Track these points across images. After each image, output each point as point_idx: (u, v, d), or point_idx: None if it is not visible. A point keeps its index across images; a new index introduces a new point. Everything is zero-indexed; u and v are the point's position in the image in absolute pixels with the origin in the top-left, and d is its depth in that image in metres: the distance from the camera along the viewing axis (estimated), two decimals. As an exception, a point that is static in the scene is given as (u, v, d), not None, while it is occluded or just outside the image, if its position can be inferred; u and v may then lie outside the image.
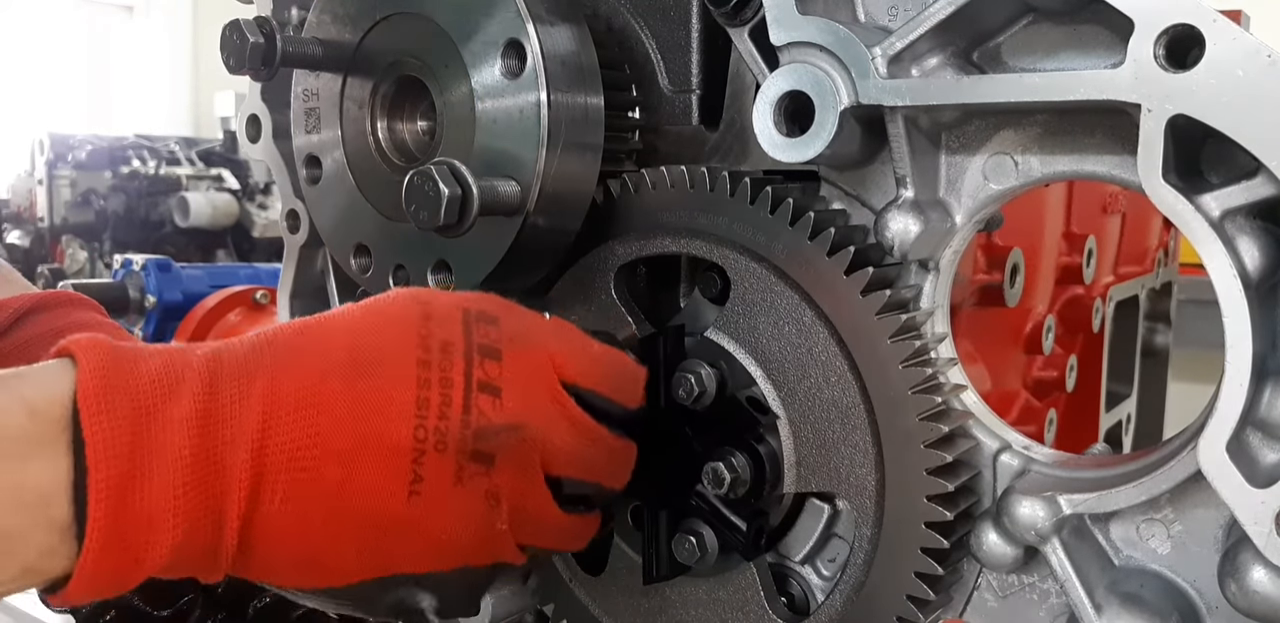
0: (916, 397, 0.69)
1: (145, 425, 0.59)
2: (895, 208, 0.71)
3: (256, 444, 0.62)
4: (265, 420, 0.62)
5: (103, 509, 0.57)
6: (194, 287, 2.60)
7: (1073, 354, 1.49)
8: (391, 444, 0.64)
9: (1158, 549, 0.67)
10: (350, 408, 0.64)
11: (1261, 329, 0.59)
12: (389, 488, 0.64)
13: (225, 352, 0.65)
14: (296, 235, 1.15)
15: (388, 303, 0.70)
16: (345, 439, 0.63)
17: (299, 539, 0.64)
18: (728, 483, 0.75)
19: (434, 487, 0.65)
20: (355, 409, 0.64)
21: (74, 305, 1.11)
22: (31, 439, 0.57)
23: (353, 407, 0.64)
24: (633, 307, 0.84)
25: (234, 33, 0.86)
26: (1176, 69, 0.58)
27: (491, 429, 0.66)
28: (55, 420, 0.58)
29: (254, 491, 0.62)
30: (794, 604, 0.80)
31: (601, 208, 0.83)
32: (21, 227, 6.39)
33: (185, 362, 0.62)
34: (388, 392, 0.64)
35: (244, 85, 1.11)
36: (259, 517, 0.62)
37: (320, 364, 0.65)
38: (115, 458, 0.57)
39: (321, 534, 0.65)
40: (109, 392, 0.58)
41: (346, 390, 0.64)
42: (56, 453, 0.57)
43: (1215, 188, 0.61)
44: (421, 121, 0.89)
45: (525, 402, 0.68)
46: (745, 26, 0.78)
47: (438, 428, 0.64)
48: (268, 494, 0.62)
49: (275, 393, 0.63)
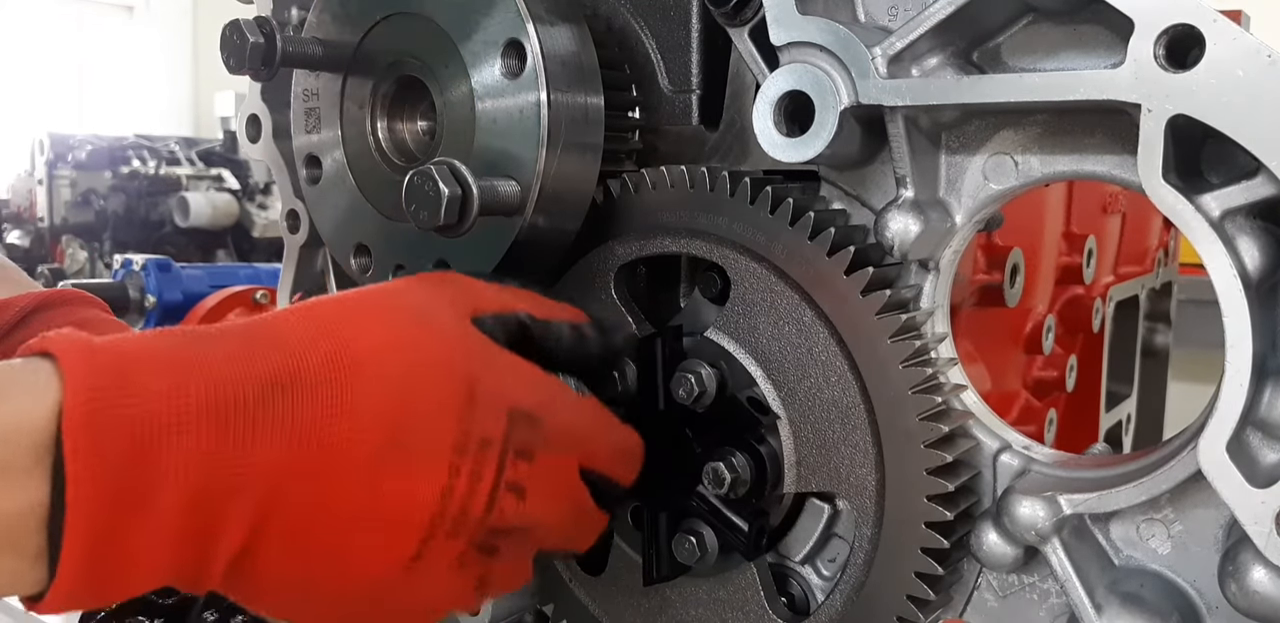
0: (916, 397, 0.69)
1: (139, 466, 0.53)
2: (895, 208, 0.71)
3: (263, 500, 0.57)
4: (279, 477, 0.57)
5: (78, 554, 0.52)
6: (194, 287, 2.61)
7: (1073, 354, 1.49)
8: (406, 522, 0.62)
9: (1158, 549, 0.67)
10: (372, 480, 0.60)
11: (1261, 329, 0.59)
12: (389, 559, 0.62)
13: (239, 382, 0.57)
14: (296, 235, 1.16)
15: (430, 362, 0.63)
16: (359, 508, 0.60)
17: (282, 588, 0.62)
18: (728, 483, 0.75)
19: (432, 566, 0.64)
20: (378, 484, 0.60)
21: (80, 304, 1.09)
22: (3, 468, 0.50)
23: (375, 480, 0.60)
24: (633, 307, 0.84)
25: (234, 33, 0.86)
26: (1176, 69, 0.58)
27: (507, 528, 0.66)
28: (31, 448, 0.51)
29: (249, 544, 0.58)
30: (794, 604, 0.80)
31: (601, 208, 0.83)
32: (21, 227, 6.39)
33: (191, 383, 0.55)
34: (417, 475, 0.61)
35: (244, 85, 1.11)
36: (248, 566, 0.59)
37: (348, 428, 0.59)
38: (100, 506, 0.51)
39: (305, 586, 0.62)
40: (100, 425, 0.52)
41: (373, 462, 0.60)
42: (28, 482, 0.51)
43: (1215, 188, 0.61)
44: (421, 121, 0.89)
45: (546, 504, 0.68)
46: (745, 26, 0.78)
47: (456, 518, 0.63)
48: (263, 549, 0.59)
49: (293, 446, 0.57)
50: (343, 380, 0.60)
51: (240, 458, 0.56)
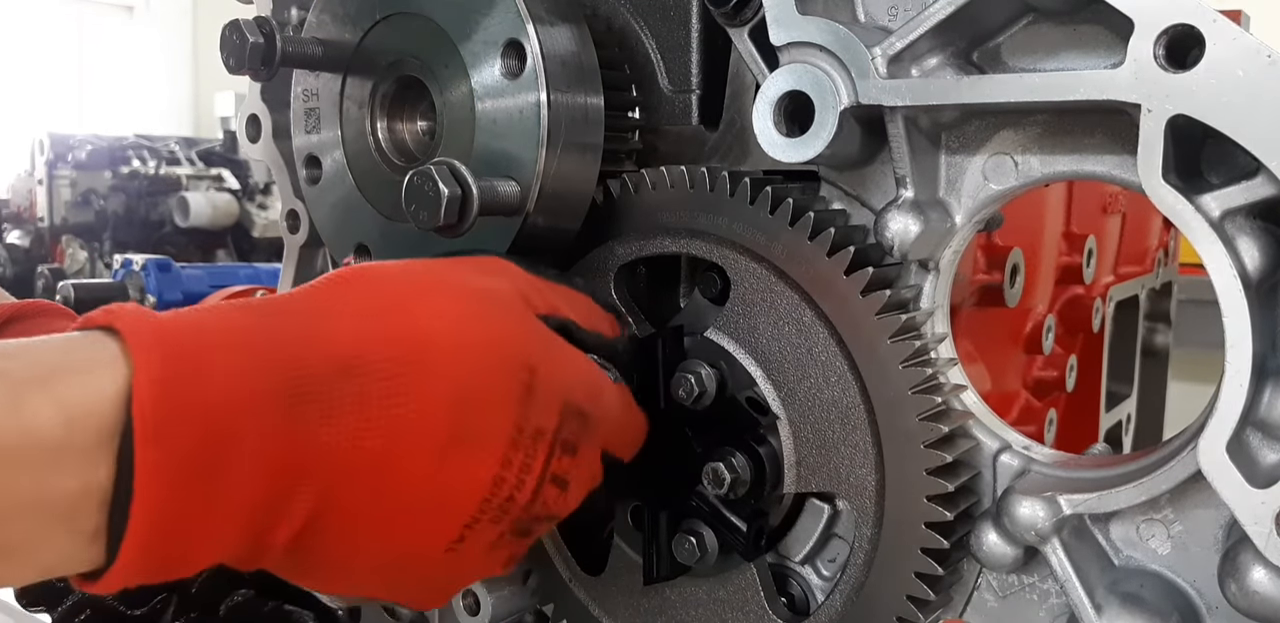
0: (916, 397, 0.69)
1: (210, 452, 0.52)
2: (895, 208, 0.71)
3: (327, 483, 0.58)
4: (345, 461, 0.58)
5: (143, 535, 0.51)
6: (194, 287, 2.60)
7: (1073, 354, 1.49)
8: (456, 508, 0.63)
9: (1158, 549, 0.67)
10: (430, 468, 0.61)
11: (1261, 329, 0.59)
12: (434, 541, 0.64)
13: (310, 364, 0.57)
14: (296, 235, 1.16)
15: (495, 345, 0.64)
16: (415, 493, 0.62)
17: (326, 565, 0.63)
18: (728, 483, 0.75)
19: (471, 548, 0.66)
20: (436, 472, 0.61)
21: (53, 315, 1.07)
22: (66, 449, 0.50)
23: (434, 468, 0.61)
24: (633, 307, 0.84)
25: (234, 33, 0.86)
26: (1176, 69, 0.58)
27: (546, 516, 0.68)
28: (97, 431, 0.50)
29: (308, 524, 0.59)
30: (794, 604, 0.80)
31: (601, 208, 0.83)
32: (21, 227, 6.38)
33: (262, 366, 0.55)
34: (474, 467, 0.63)
35: (244, 85, 1.11)
36: (303, 545, 0.60)
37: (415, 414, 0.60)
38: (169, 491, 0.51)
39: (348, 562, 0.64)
40: (172, 412, 0.51)
41: (434, 451, 0.61)
42: (95, 464, 0.50)
43: (1215, 188, 0.61)
44: (421, 121, 0.89)
45: (580, 494, 0.71)
46: (745, 26, 0.78)
47: (502, 506, 0.65)
48: (320, 530, 0.60)
49: (359, 437, 0.58)
50: (411, 359, 0.60)
51: (309, 442, 0.56)
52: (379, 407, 0.59)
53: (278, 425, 0.55)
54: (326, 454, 0.57)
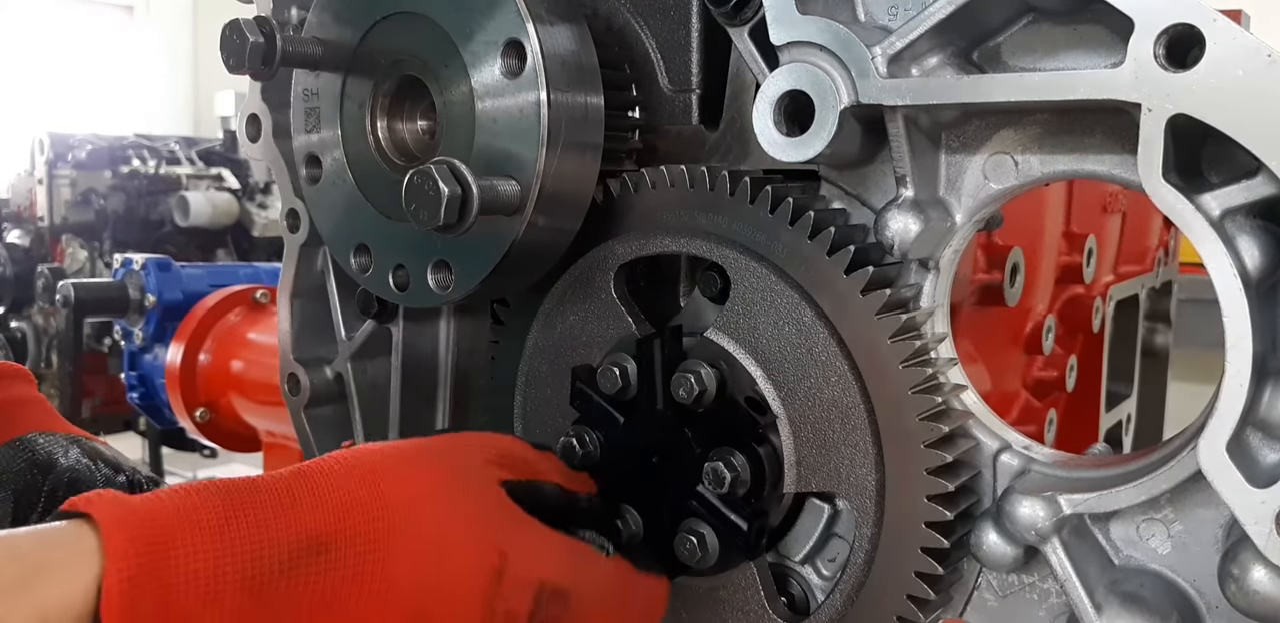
0: (916, 396, 0.69)
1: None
2: (895, 207, 0.71)
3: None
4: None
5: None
6: (194, 286, 2.60)
7: (1073, 354, 1.49)
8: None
9: (1158, 549, 0.67)
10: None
11: (1261, 329, 0.59)
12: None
13: (273, 548, 0.60)
14: (296, 235, 1.15)
15: (462, 522, 0.66)
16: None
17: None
18: (728, 483, 0.75)
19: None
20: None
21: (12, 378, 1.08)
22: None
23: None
24: (633, 307, 0.84)
25: (234, 33, 0.86)
26: (1176, 69, 0.58)
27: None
28: (73, 621, 0.55)
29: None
30: (794, 604, 0.80)
31: (601, 208, 0.83)
32: (21, 226, 6.38)
33: (227, 554, 0.58)
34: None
35: (244, 85, 1.10)
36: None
37: (376, 604, 0.61)
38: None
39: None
40: (136, 606, 0.55)
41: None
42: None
43: (1215, 187, 0.61)
44: (421, 121, 0.89)
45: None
46: (745, 26, 0.78)
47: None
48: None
49: (319, 618, 0.60)
50: (376, 536, 0.62)
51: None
52: (338, 595, 0.61)
53: (238, 613, 0.57)
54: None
